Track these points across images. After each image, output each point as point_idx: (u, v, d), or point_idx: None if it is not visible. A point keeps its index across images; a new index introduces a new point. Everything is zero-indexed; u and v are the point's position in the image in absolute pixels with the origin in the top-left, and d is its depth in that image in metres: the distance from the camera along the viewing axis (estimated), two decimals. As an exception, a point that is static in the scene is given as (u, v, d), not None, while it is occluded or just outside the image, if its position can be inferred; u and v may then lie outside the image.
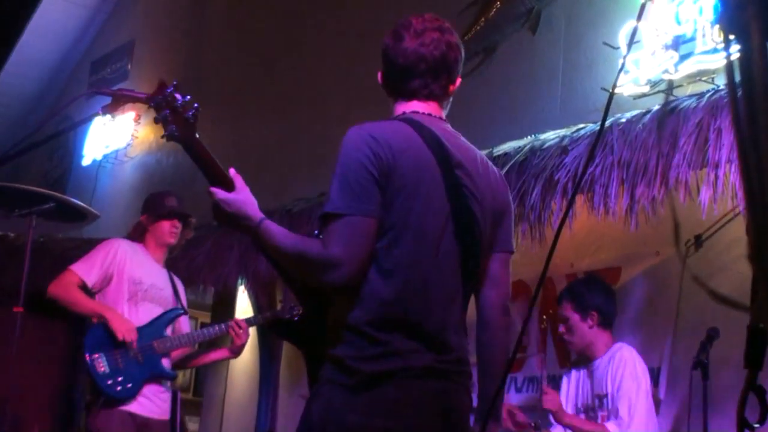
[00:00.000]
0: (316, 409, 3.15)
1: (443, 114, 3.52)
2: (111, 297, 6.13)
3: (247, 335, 6.36)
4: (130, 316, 6.07)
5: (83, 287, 6.09)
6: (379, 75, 3.57)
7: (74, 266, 6.14)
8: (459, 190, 3.31)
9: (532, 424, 5.33)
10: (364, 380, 3.08)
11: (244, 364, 9.81)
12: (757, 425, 1.69)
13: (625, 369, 5.59)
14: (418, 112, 3.42)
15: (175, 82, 3.33)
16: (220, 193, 3.29)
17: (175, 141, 3.30)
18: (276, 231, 3.23)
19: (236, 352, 6.50)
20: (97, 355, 5.92)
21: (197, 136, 3.32)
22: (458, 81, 3.54)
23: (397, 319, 3.15)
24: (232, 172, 3.37)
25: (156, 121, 3.31)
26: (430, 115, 3.43)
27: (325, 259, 3.07)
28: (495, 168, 3.60)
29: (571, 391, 5.98)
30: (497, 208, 3.46)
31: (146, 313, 6.17)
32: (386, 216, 3.17)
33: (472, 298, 3.50)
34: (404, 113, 3.43)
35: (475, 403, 3.48)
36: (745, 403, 1.64)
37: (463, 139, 3.51)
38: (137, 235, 6.45)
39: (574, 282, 6.27)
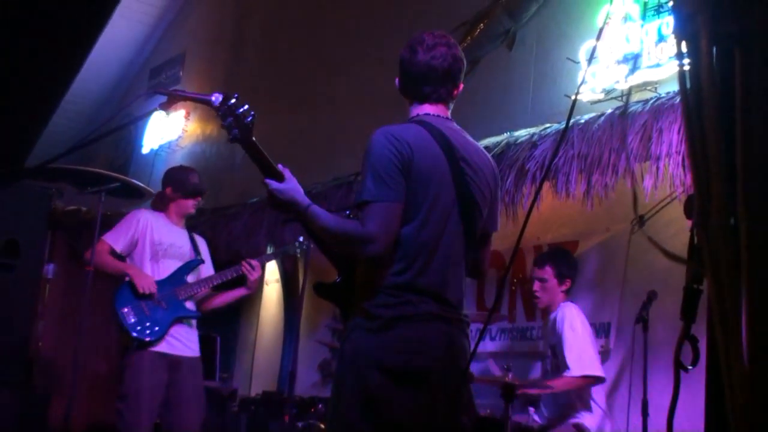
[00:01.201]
0: (348, 348, 3.29)
1: (449, 114, 3.58)
2: (137, 258, 6.09)
3: (259, 272, 6.21)
4: (153, 271, 6.05)
5: (113, 253, 6.09)
6: (397, 81, 3.62)
7: (105, 236, 6.14)
8: (463, 179, 3.39)
9: (505, 367, 5.32)
10: (384, 323, 3.20)
11: (272, 315, 9.83)
12: (690, 366, 1.69)
13: (563, 324, 5.62)
14: (429, 114, 3.50)
15: (236, 95, 3.40)
16: (273, 184, 3.40)
17: (237, 143, 3.40)
18: (321, 214, 3.33)
19: (251, 287, 6.32)
20: (125, 309, 5.88)
21: (254, 138, 3.39)
22: (461, 86, 3.60)
23: (409, 281, 3.26)
24: (280, 166, 3.45)
25: (222, 126, 3.39)
26: (438, 116, 3.51)
27: (364, 236, 3.18)
28: (491, 160, 3.67)
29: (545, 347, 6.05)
30: (491, 194, 3.54)
31: (167, 267, 6.11)
32: (405, 201, 3.26)
33: None
34: (418, 115, 3.51)
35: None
36: (680, 349, 1.64)
37: (466, 134, 3.57)
38: (160, 204, 6.40)
39: (558, 252, 6.31)
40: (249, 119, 3.37)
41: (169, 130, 12.22)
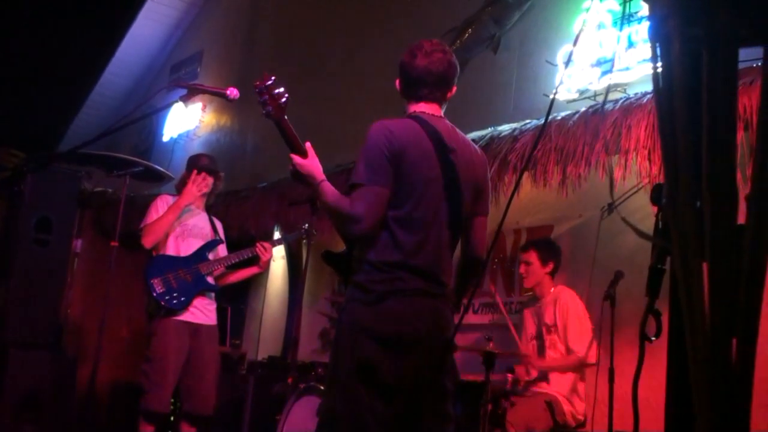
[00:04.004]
0: (345, 318, 3.33)
1: (442, 113, 3.62)
2: (167, 237, 6.13)
3: (270, 253, 6.28)
4: (178, 249, 6.12)
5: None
6: (397, 82, 3.66)
7: (144, 223, 6.13)
8: (450, 171, 3.43)
9: (486, 338, 5.33)
10: (377, 297, 3.25)
11: (277, 287, 9.84)
12: (653, 338, 1.70)
13: (569, 312, 5.65)
14: (425, 113, 3.55)
15: (273, 77, 3.47)
16: (296, 159, 3.45)
17: (270, 119, 3.45)
18: (327, 190, 3.38)
19: (263, 266, 6.40)
20: (155, 280, 5.92)
21: (286, 117, 3.45)
22: (454, 89, 3.65)
23: (399, 260, 3.30)
24: (307, 144, 3.51)
25: (258, 102, 3.44)
26: (432, 114, 3.56)
27: (351, 215, 3.23)
28: (481, 153, 3.71)
29: (527, 323, 6.03)
30: (479, 183, 3.57)
31: (191, 245, 6.15)
32: (396, 188, 3.30)
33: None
34: (414, 112, 3.55)
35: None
36: (645, 321, 1.64)
37: (457, 130, 3.61)
38: (182, 186, 6.37)
39: (541, 239, 6.38)
40: (284, 100, 3.44)
41: (187, 121, 12.22)
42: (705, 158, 1.20)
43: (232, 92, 4.05)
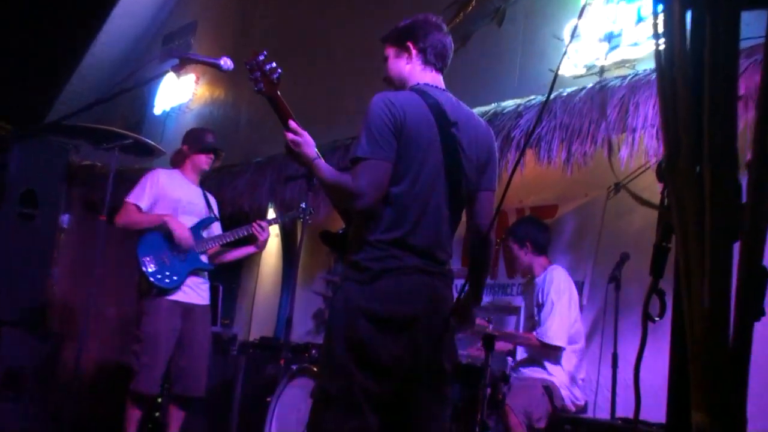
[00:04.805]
0: (339, 297, 3.34)
1: (443, 85, 3.66)
2: (159, 214, 6.09)
3: (268, 233, 6.25)
4: None
5: (140, 211, 6.07)
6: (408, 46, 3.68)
7: (129, 197, 6.10)
8: (452, 145, 3.45)
9: (486, 319, 5.34)
10: (372, 276, 3.26)
11: (271, 266, 9.84)
12: (657, 318, 1.69)
13: (551, 286, 5.63)
14: (428, 84, 3.60)
15: (265, 52, 3.48)
16: (290, 136, 3.43)
17: (262, 95, 3.47)
18: (324, 167, 3.37)
19: (260, 246, 6.37)
20: (148, 258, 5.91)
21: (279, 93, 3.46)
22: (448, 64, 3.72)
23: (396, 238, 3.30)
24: (292, 123, 3.47)
25: (249, 79, 3.46)
26: (436, 87, 3.60)
27: (353, 190, 3.22)
28: (486, 126, 3.72)
29: (525, 305, 6.06)
30: (483, 157, 3.57)
31: (185, 223, 6.10)
32: (396, 162, 3.31)
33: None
34: (418, 84, 3.59)
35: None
36: (649, 301, 1.64)
37: (461, 103, 3.63)
38: (178, 160, 6.39)
39: (513, 223, 6.35)
40: (276, 75, 3.46)
41: (180, 93, 12.19)
42: (706, 122, 1.20)
43: (226, 63, 4.03)
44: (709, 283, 1.23)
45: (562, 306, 5.54)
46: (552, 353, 5.54)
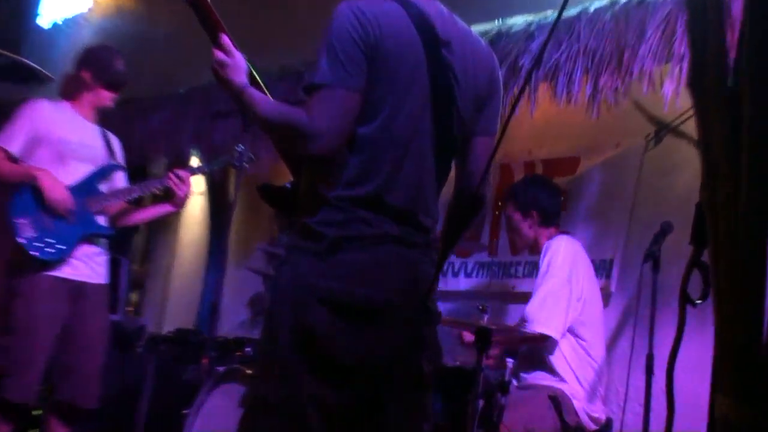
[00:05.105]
0: (284, 275, 3.22)
1: None
2: (38, 161, 5.90)
3: (188, 186, 6.11)
4: (58, 177, 5.86)
5: (9, 158, 5.91)
6: None
7: (1, 139, 5.95)
8: (442, 71, 3.34)
9: (480, 308, 5.37)
10: (330, 245, 3.13)
11: (193, 236, 9.85)
12: (699, 301, 1.71)
13: (545, 258, 5.63)
14: None
15: None
16: (219, 55, 3.34)
17: (184, 1, 3.36)
18: (259, 99, 3.25)
19: (179, 204, 6.21)
20: (23, 220, 5.76)
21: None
22: None
23: (365, 194, 3.19)
24: (224, 38, 3.38)
25: None
26: None
27: (307, 128, 3.07)
28: (487, 49, 3.61)
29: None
30: (482, 90, 3.48)
31: (75, 172, 5.98)
32: (367, 93, 3.19)
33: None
34: None
35: None
36: (688, 277, 1.66)
37: (457, 19, 3.51)
38: (72, 90, 6.24)
39: (517, 182, 6.27)
40: None
41: (76, 1, 12.10)
42: (744, 58, 1.24)
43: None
44: (745, 227, 1.26)
45: (554, 283, 5.53)
46: (549, 348, 5.56)
